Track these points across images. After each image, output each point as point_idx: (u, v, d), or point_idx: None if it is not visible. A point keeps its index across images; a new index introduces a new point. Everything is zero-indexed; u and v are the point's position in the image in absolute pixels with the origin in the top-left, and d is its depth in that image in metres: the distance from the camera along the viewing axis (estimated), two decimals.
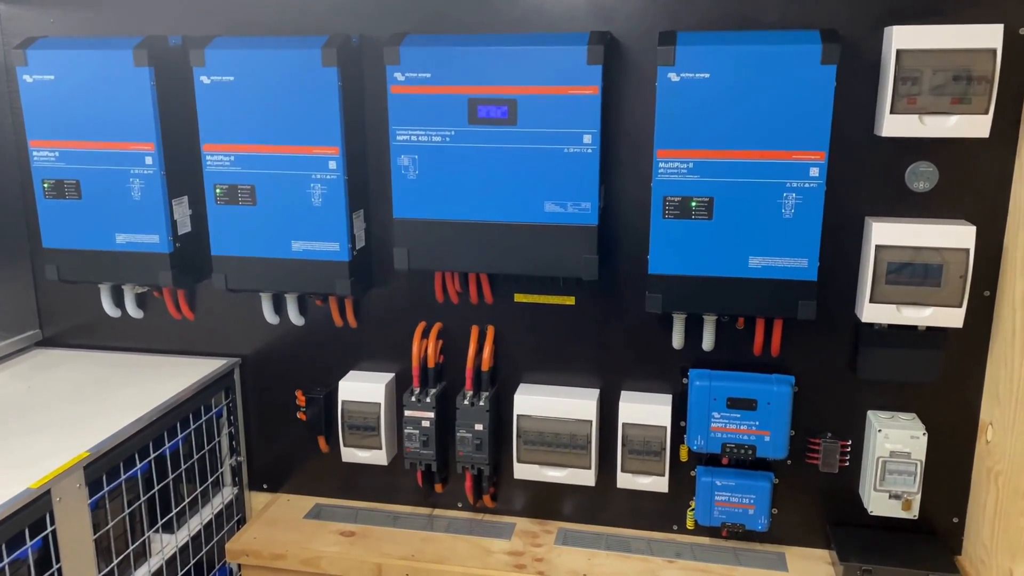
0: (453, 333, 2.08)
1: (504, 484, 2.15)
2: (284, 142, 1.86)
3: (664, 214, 1.74)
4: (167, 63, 1.93)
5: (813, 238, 1.70)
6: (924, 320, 1.75)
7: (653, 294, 1.79)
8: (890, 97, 1.66)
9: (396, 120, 1.81)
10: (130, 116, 1.91)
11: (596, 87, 1.71)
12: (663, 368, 2.00)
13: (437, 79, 1.77)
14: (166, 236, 1.97)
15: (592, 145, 1.74)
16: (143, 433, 1.81)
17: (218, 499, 2.15)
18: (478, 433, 2.00)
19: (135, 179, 1.95)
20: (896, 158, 1.77)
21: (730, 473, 1.96)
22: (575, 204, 1.78)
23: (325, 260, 1.91)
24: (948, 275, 1.72)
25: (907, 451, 1.82)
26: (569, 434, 1.98)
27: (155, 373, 2.11)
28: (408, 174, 1.83)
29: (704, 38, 1.68)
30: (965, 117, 1.65)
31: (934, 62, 1.64)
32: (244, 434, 2.25)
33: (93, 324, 2.27)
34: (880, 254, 1.73)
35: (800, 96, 1.64)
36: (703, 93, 1.67)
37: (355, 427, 2.09)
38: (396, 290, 2.08)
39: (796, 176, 1.68)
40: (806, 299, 1.73)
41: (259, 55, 1.83)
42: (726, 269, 1.75)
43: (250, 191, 1.90)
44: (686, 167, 1.72)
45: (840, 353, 1.91)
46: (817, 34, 1.64)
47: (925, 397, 1.90)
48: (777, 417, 1.86)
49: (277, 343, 2.19)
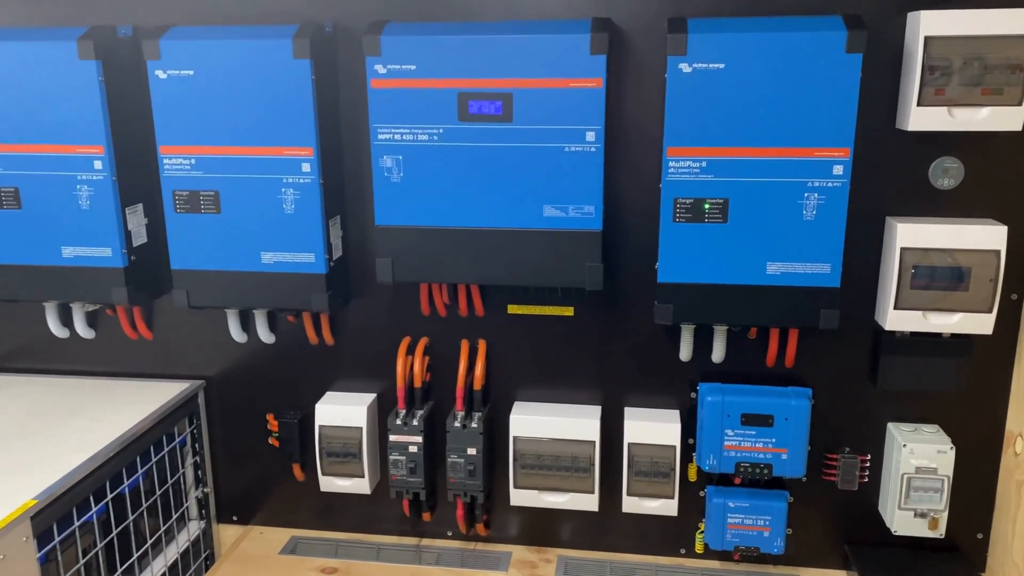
0: (441, 349, 1.91)
1: (498, 509, 1.99)
2: (251, 143, 1.67)
3: (675, 217, 1.60)
4: (117, 56, 1.72)
5: (836, 242, 1.57)
6: (952, 327, 1.63)
7: (663, 304, 1.64)
8: (917, 88, 1.53)
9: (377, 117, 1.63)
10: (76, 116, 1.70)
11: (600, 79, 1.56)
12: (669, 382, 1.86)
13: (423, 71, 1.60)
14: (119, 249, 1.77)
15: (596, 143, 1.59)
16: (98, 472, 1.61)
17: (183, 535, 1.95)
18: (471, 458, 1.84)
19: (83, 186, 1.74)
20: (919, 153, 1.65)
21: (743, 494, 1.82)
22: (577, 208, 1.63)
23: (299, 273, 1.73)
24: (977, 278, 1.60)
25: (933, 466, 1.71)
26: (570, 456, 1.83)
27: (109, 400, 1.90)
28: (391, 177, 1.66)
29: (718, 25, 1.54)
30: (997, 109, 1.53)
31: (965, 49, 1.51)
32: (211, 463, 2.06)
33: (38, 346, 2.05)
34: (905, 257, 1.61)
35: (823, 87, 1.50)
36: (717, 85, 1.53)
37: (334, 454, 1.91)
38: (377, 303, 1.90)
39: (818, 175, 1.55)
40: (829, 308, 1.60)
41: (221, 46, 1.64)
42: (742, 276, 1.61)
43: (214, 198, 1.71)
44: (699, 166, 1.57)
45: (858, 363, 1.78)
46: (840, 20, 1.51)
47: (948, 407, 1.78)
48: (795, 433, 1.73)
49: (245, 363, 1.99)
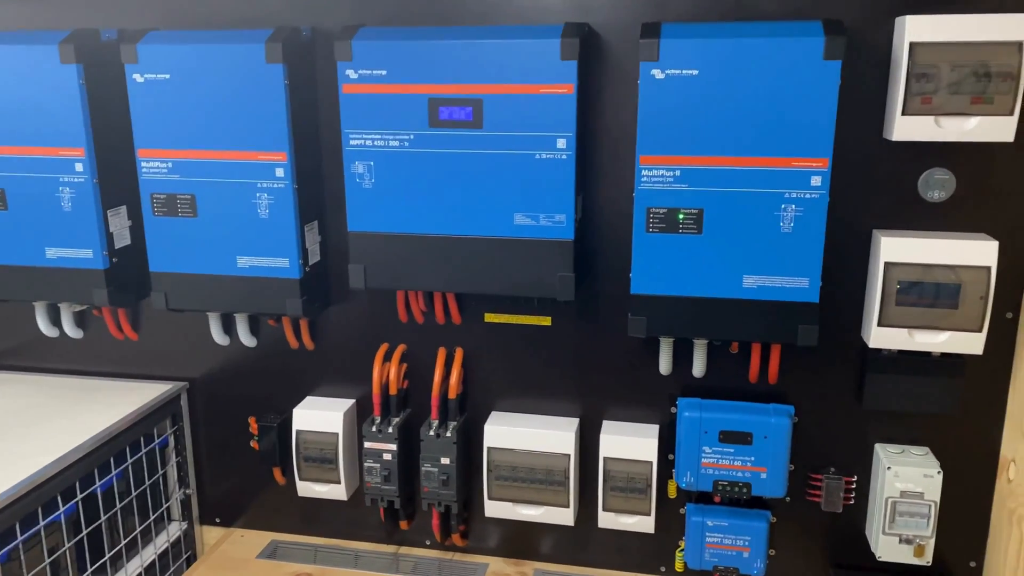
0: (419, 356, 1.89)
1: (476, 520, 1.96)
2: (226, 147, 1.67)
3: (648, 227, 1.56)
4: (100, 60, 1.73)
5: (815, 255, 1.52)
6: (939, 346, 1.56)
7: (636, 317, 1.60)
8: (902, 96, 1.47)
9: (349, 122, 1.62)
10: (57, 119, 1.72)
11: (571, 85, 1.52)
12: (650, 396, 1.81)
13: (393, 76, 1.58)
14: (100, 251, 1.78)
15: (567, 151, 1.55)
16: (67, 473, 1.63)
17: (163, 537, 1.96)
18: (444, 467, 1.81)
19: (65, 188, 1.76)
20: (908, 164, 1.58)
21: (723, 512, 1.77)
22: (548, 216, 1.59)
23: (274, 277, 1.72)
24: (966, 296, 1.53)
25: (920, 491, 1.64)
26: (545, 469, 1.79)
27: (92, 400, 1.91)
28: (363, 183, 1.64)
29: (692, 30, 1.49)
30: (987, 119, 1.45)
31: (952, 56, 1.45)
32: (193, 465, 2.06)
33: (29, 344, 2.08)
34: (890, 272, 1.55)
35: (800, 95, 1.45)
36: (691, 92, 1.48)
37: (311, 459, 1.90)
38: (356, 309, 1.89)
39: (796, 186, 1.49)
40: (807, 323, 1.54)
41: (196, 50, 1.64)
42: (718, 289, 1.56)
43: (190, 201, 1.72)
44: (672, 175, 1.53)
45: (844, 380, 1.72)
46: (819, 25, 1.45)
47: (939, 429, 1.71)
48: (775, 452, 1.67)
49: (228, 366, 2.00)
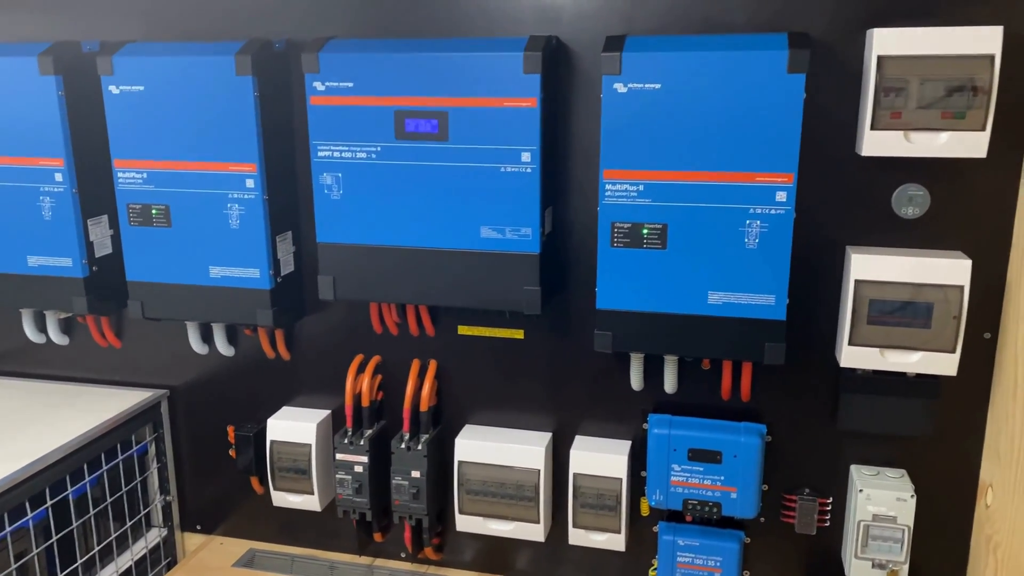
0: (394, 368, 1.88)
1: (450, 533, 1.95)
2: (199, 158, 1.69)
3: (612, 242, 1.54)
4: (80, 71, 1.76)
5: (781, 272, 1.49)
6: (912, 366, 1.52)
7: (602, 332, 1.58)
8: (871, 111, 1.44)
9: (317, 134, 1.62)
10: (37, 129, 1.74)
11: (534, 99, 1.51)
12: (622, 411, 1.79)
13: (360, 89, 1.58)
14: (79, 259, 1.80)
15: (531, 164, 1.54)
16: (36, 479, 1.65)
17: (141, 543, 1.97)
18: (415, 480, 1.80)
19: (45, 197, 1.79)
20: (882, 180, 1.55)
21: (694, 531, 1.74)
22: (514, 230, 1.58)
23: (245, 288, 1.73)
24: (939, 315, 1.49)
25: (892, 515, 1.59)
26: (515, 484, 1.78)
27: (71, 406, 1.94)
28: (332, 194, 1.65)
29: (655, 43, 1.48)
30: (958, 134, 1.42)
31: (922, 70, 1.41)
32: (174, 471, 2.08)
33: (18, 350, 2.11)
34: (860, 290, 1.51)
35: (764, 110, 1.42)
36: (654, 106, 1.46)
37: (285, 469, 1.90)
38: (332, 319, 1.89)
39: (761, 201, 1.46)
40: (774, 341, 1.51)
41: (169, 62, 1.65)
42: (683, 305, 1.54)
43: (165, 211, 1.73)
44: (636, 190, 1.51)
45: (820, 399, 1.68)
46: (784, 38, 1.42)
47: (917, 452, 1.66)
48: (745, 472, 1.64)
49: (207, 375, 2.01)
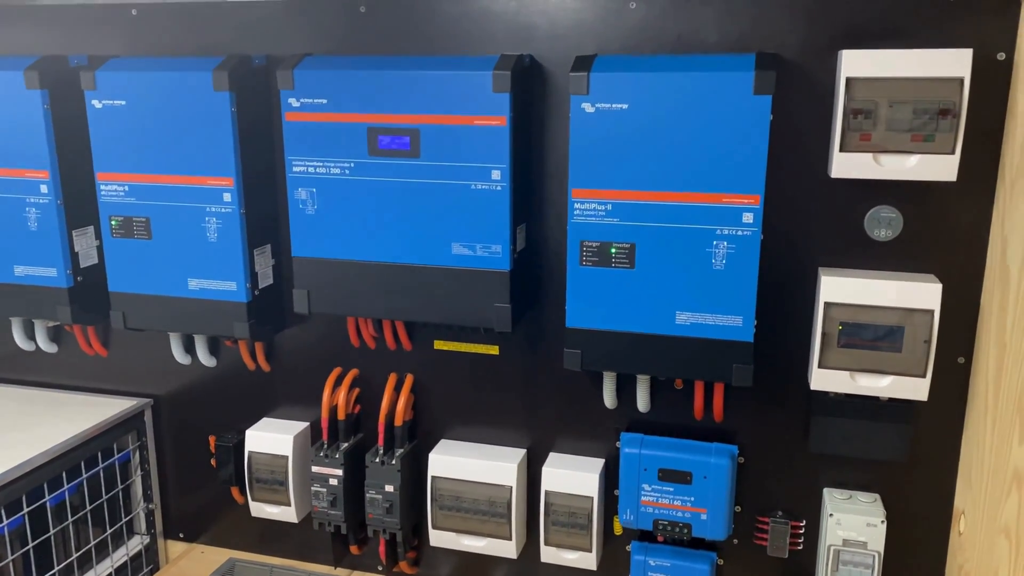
0: (372, 381, 1.89)
1: (426, 548, 1.95)
2: (178, 171, 1.71)
3: (581, 261, 1.54)
4: (66, 85, 1.79)
5: (748, 293, 1.48)
6: (882, 390, 1.50)
7: (571, 350, 1.58)
8: (840, 133, 1.43)
9: (292, 150, 1.64)
10: (23, 142, 1.78)
11: (504, 117, 1.51)
12: (596, 429, 1.78)
13: (334, 105, 1.60)
14: (63, 270, 1.83)
15: (501, 182, 1.55)
16: (12, 486, 1.67)
17: (122, 551, 1.99)
18: (388, 495, 1.81)
19: (31, 208, 1.82)
20: (855, 202, 1.53)
21: (666, 552, 1.73)
22: (484, 247, 1.58)
23: (222, 300, 1.75)
24: (910, 339, 1.47)
25: (863, 540, 1.57)
26: (487, 500, 1.78)
27: (55, 414, 1.96)
28: (306, 209, 1.66)
29: (623, 63, 1.48)
30: (928, 157, 1.40)
31: (890, 92, 1.40)
32: (158, 479, 2.10)
33: (8, 357, 2.15)
34: (830, 312, 1.50)
35: (730, 130, 1.42)
36: (621, 126, 1.46)
37: (263, 480, 1.92)
38: (311, 332, 1.90)
39: (727, 222, 1.46)
40: (741, 363, 1.50)
41: (149, 77, 1.68)
42: (651, 325, 1.53)
43: (145, 224, 1.76)
44: (604, 209, 1.51)
45: (793, 421, 1.67)
46: (751, 59, 1.42)
47: (892, 476, 1.64)
48: (715, 493, 1.63)
49: (190, 384, 2.03)
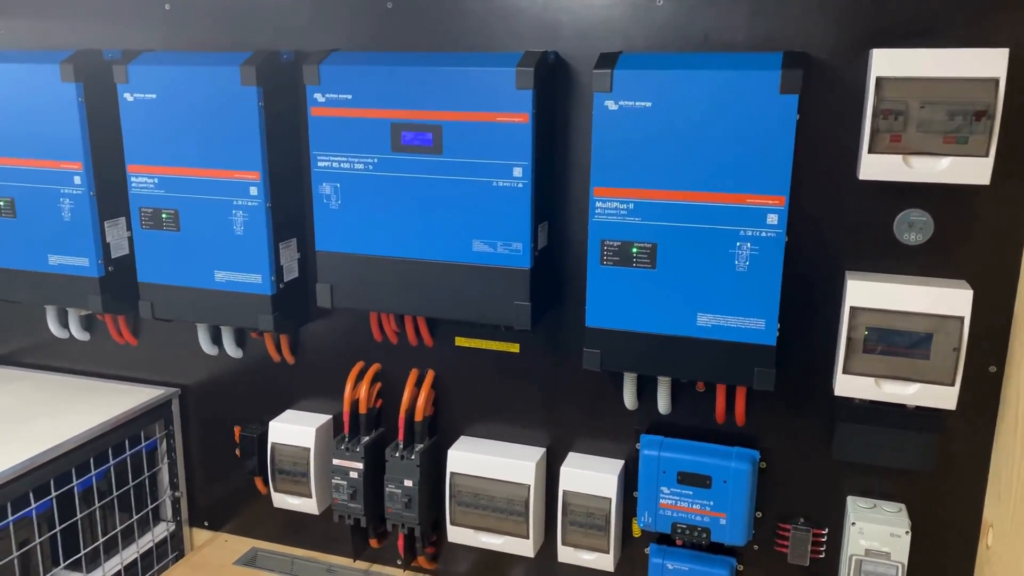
0: (393, 376, 1.90)
1: (444, 544, 1.95)
2: (206, 165, 1.73)
3: (602, 260, 1.52)
4: (100, 78, 1.82)
5: (772, 296, 1.45)
6: (909, 398, 1.47)
7: (591, 350, 1.56)
8: (869, 134, 1.39)
9: (317, 145, 1.65)
10: (58, 134, 1.82)
11: (526, 115, 1.51)
12: (617, 430, 1.77)
13: (359, 101, 1.60)
14: (95, 260, 1.87)
15: (523, 179, 1.54)
16: (40, 471, 1.71)
17: (147, 537, 2.03)
18: (407, 489, 1.81)
19: (65, 199, 1.86)
20: (884, 205, 1.50)
21: (685, 555, 1.71)
22: (505, 244, 1.58)
23: (247, 292, 1.77)
24: (939, 346, 1.43)
25: (886, 550, 1.54)
26: (506, 498, 1.77)
27: (84, 400, 2.00)
28: (330, 203, 1.67)
29: (647, 60, 1.46)
30: (961, 159, 1.36)
31: (922, 93, 1.36)
32: (184, 468, 2.13)
33: (44, 344, 2.20)
34: (856, 317, 1.46)
35: (756, 130, 1.39)
36: (644, 124, 1.44)
37: (285, 472, 1.94)
38: (335, 326, 1.92)
39: (751, 223, 1.43)
40: (763, 366, 1.47)
41: (179, 72, 1.70)
42: (671, 326, 1.51)
43: (174, 216, 1.78)
44: (626, 208, 1.49)
45: (817, 427, 1.64)
46: (779, 58, 1.39)
47: (917, 486, 1.60)
48: (735, 498, 1.60)
49: (217, 375, 2.06)
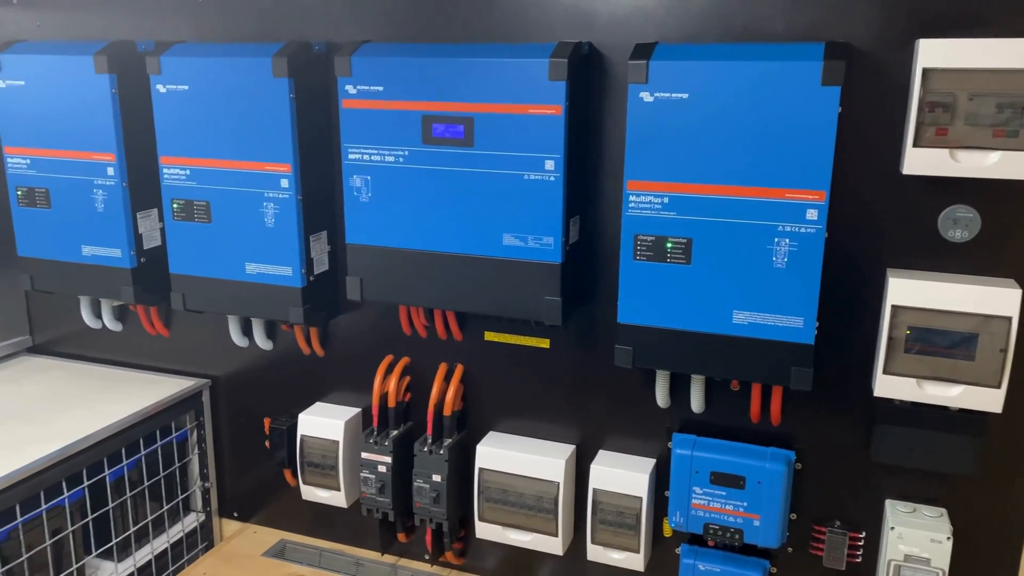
0: (423, 370, 1.89)
1: (472, 539, 1.94)
2: (237, 157, 1.73)
3: (635, 255, 1.49)
4: (134, 70, 1.83)
5: (811, 293, 1.41)
6: (952, 400, 1.42)
7: (623, 346, 1.54)
8: (913, 127, 1.35)
9: (348, 137, 1.64)
10: (92, 125, 1.83)
11: (559, 107, 1.48)
12: (649, 428, 1.74)
13: (390, 93, 1.59)
14: (127, 251, 1.88)
15: (555, 172, 1.51)
16: (73, 460, 1.72)
17: (177, 527, 2.04)
18: (436, 484, 1.80)
19: (98, 190, 1.87)
20: (928, 201, 1.45)
21: (717, 556, 1.67)
22: (536, 238, 1.56)
23: (278, 285, 1.76)
24: (984, 347, 1.39)
25: (926, 556, 1.50)
26: (535, 495, 1.75)
27: (116, 391, 2.02)
28: (360, 196, 1.66)
29: (684, 51, 1.42)
30: (1011, 154, 1.32)
31: (971, 84, 1.32)
32: (214, 459, 2.14)
33: (78, 334, 2.22)
34: (898, 316, 1.42)
35: (796, 123, 1.35)
36: (681, 116, 1.41)
37: (314, 464, 1.93)
38: (365, 319, 1.91)
39: (790, 219, 1.39)
40: (801, 366, 1.44)
41: (211, 63, 1.70)
42: (706, 324, 1.48)
43: (205, 207, 1.78)
44: (661, 202, 1.46)
45: (855, 428, 1.59)
46: (820, 48, 1.35)
47: (961, 490, 1.56)
48: (769, 499, 1.57)
49: (247, 367, 2.06)
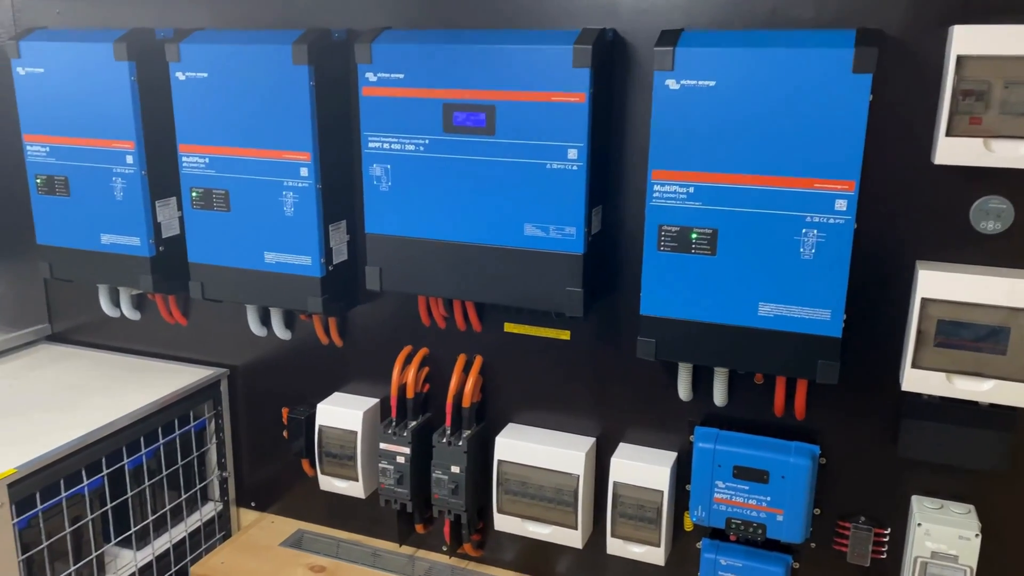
0: (441, 361, 1.87)
1: (491, 531, 1.93)
2: (257, 145, 1.71)
3: (659, 246, 1.47)
4: (153, 57, 1.82)
5: (839, 285, 1.39)
6: (983, 395, 1.40)
7: (645, 339, 1.52)
8: (947, 115, 1.32)
9: (368, 125, 1.62)
10: (112, 113, 1.82)
11: (583, 94, 1.46)
12: (670, 421, 1.72)
13: (411, 80, 1.57)
14: (146, 239, 1.87)
15: (578, 161, 1.49)
16: (90, 449, 1.72)
17: (195, 516, 2.04)
18: (454, 476, 1.79)
19: (117, 178, 1.86)
20: (960, 191, 1.42)
21: (739, 551, 1.65)
22: (558, 229, 1.54)
23: (297, 274, 1.75)
24: (1016, 341, 1.36)
25: (953, 553, 1.47)
26: (554, 487, 1.74)
27: (135, 380, 2.02)
28: (380, 185, 1.64)
29: (711, 38, 1.40)
30: None
31: (1006, 72, 1.29)
32: (232, 448, 2.14)
33: (96, 323, 2.22)
34: (927, 309, 1.39)
35: (826, 111, 1.33)
36: (707, 104, 1.39)
37: (332, 454, 1.93)
38: (384, 310, 1.90)
39: (819, 209, 1.37)
40: (828, 359, 1.41)
41: (230, 51, 1.69)
42: (731, 316, 1.46)
43: (224, 196, 1.77)
44: (686, 192, 1.44)
45: (881, 423, 1.57)
46: (852, 35, 1.32)
47: (990, 487, 1.53)
48: (792, 494, 1.55)
49: (265, 356, 2.06)
